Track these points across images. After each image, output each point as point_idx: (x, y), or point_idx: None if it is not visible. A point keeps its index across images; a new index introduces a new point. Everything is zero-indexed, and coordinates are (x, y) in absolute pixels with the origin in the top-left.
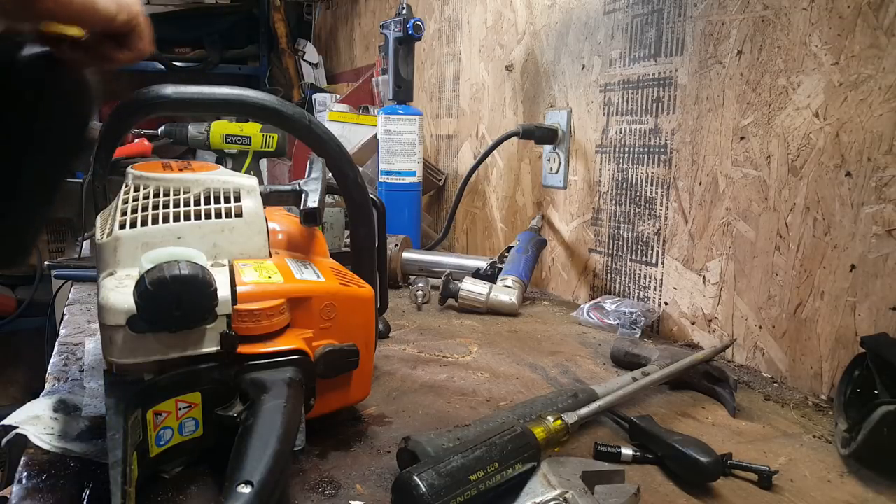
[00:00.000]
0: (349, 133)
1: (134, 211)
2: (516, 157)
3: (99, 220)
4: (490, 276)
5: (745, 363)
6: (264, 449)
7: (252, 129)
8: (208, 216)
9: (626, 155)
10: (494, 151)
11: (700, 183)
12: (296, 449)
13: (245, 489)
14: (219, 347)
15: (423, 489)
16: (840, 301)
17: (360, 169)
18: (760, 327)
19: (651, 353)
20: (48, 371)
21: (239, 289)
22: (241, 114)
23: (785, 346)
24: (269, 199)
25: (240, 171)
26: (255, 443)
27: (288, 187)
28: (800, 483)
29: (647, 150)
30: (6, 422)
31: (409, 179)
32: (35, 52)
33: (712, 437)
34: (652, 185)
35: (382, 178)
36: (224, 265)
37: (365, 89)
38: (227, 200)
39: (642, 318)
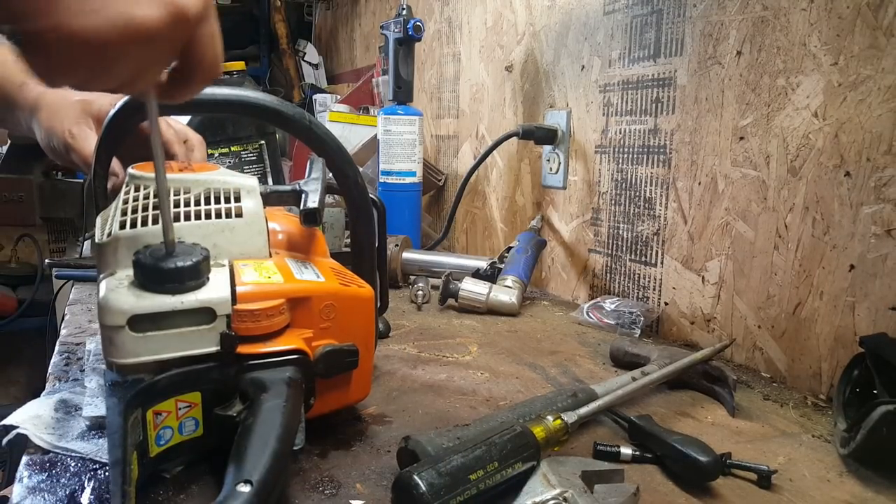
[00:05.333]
0: (349, 133)
1: (134, 211)
2: (516, 158)
3: (99, 220)
4: (490, 276)
5: (745, 363)
6: (263, 448)
7: None
8: (208, 216)
9: (626, 155)
10: (494, 152)
11: (699, 183)
12: (295, 448)
13: (244, 488)
14: (218, 347)
15: (423, 488)
16: (839, 301)
17: (360, 169)
18: (759, 327)
19: (650, 352)
20: (49, 371)
21: (239, 289)
22: (241, 114)
23: (784, 345)
24: (270, 199)
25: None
26: (255, 442)
27: (288, 187)
28: (799, 482)
29: (646, 150)
30: (7, 421)
31: (409, 180)
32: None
33: (711, 437)
34: (651, 185)
35: (382, 179)
36: (224, 265)
37: (365, 90)
38: (227, 201)
39: (641, 318)
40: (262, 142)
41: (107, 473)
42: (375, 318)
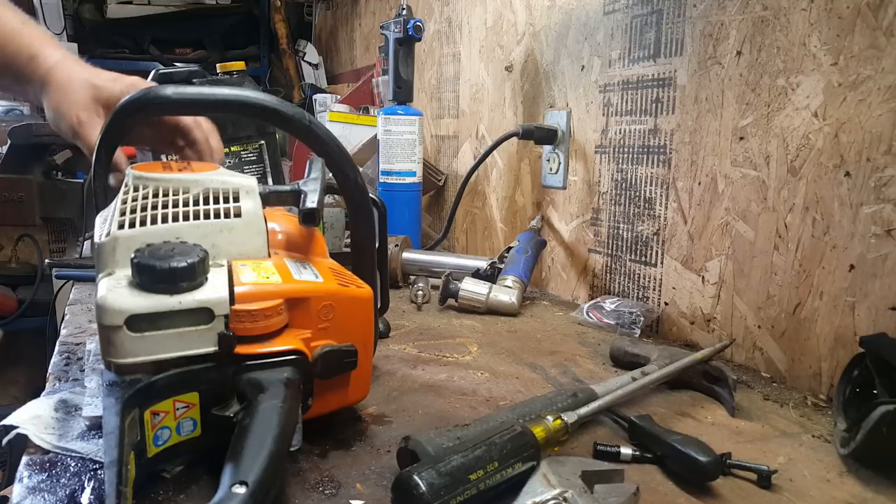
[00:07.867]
0: (349, 133)
1: (133, 211)
2: (516, 158)
3: (98, 220)
4: (490, 276)
5: (745, 363)
6: (260, 449)
7: None
8: (207, 216)
9: (626, 155)
10: (494, 152)
11: (699, 183)
12: (292, 449)
13: (240, 489)
14: (216, 348)
15: (423, 488)
16: (839, 301)
17: (360, 169)
18: (759, 327)
19: (650, 352)
20: (49, 371)
21: (237, 289)
22: (241, 114)
23: (784, 345)
24: (269, 199)
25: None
26: (251, 443)
27: (287, 187)
28: (799, 482)
29: (646, 150)
30: (7, 421)
31: (409, 180)
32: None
33: (711, 437)
34: (651, 185)
35: (382, 179)
36: (222, 265)
37: (365, 90)
38: (227, 201)
39: (641, 318)
40: (262, 142)
41: None
42: (375, 319)
